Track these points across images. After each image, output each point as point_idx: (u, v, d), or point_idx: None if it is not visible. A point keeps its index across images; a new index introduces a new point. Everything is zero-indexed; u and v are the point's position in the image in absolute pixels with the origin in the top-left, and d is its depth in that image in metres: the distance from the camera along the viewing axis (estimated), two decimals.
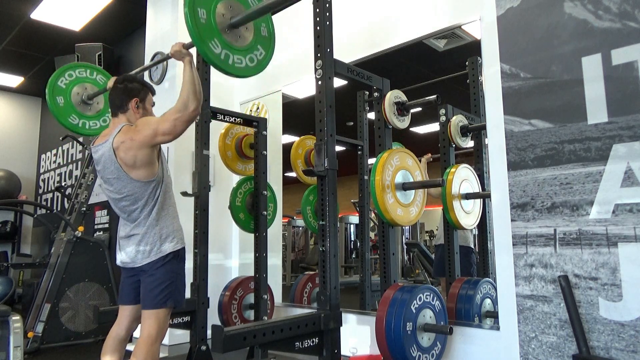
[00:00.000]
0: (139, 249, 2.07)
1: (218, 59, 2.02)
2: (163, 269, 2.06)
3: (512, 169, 1.78)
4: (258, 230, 3.11)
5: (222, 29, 1.98)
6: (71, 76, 2.74)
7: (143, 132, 2.01)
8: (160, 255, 2.06)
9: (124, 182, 2.05)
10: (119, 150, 2.03)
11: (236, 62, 2.09)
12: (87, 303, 4.08)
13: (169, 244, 2.09)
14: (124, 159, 2.03)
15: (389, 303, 2.24)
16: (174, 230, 2.14)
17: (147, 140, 2.01)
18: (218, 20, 2.00)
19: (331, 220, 2.21)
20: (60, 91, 2.62)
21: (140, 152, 2.02)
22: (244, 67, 2.10)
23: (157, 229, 2.08)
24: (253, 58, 2.13)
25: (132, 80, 2.20)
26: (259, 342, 1.85)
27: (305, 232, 7.12)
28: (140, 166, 2.04)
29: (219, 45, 1.98)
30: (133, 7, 4.89)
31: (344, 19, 3.25)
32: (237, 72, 2.12)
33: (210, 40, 1.95)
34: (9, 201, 6.46)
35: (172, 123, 1.98)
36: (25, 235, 7.47)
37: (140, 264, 2.07)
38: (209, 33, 1.98)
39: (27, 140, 7.80)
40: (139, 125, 2.05)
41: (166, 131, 1.99)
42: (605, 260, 1.54)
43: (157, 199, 2.10)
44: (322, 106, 2.24)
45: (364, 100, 3.66)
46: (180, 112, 1.97)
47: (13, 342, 2.66)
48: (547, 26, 1.74)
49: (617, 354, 1.49)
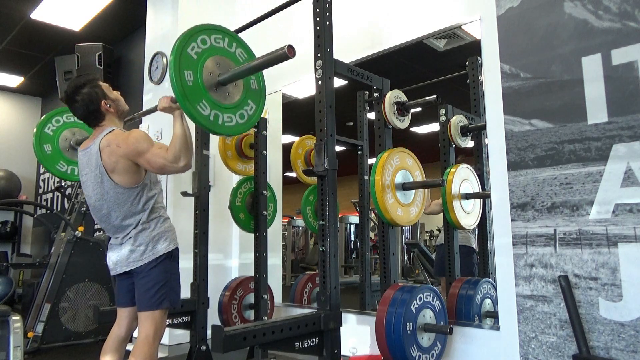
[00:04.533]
0: (131, 252, 2.04)
1: (207, 120, 1.91)
2: (156, 270, 2.03)
3: (512, 169, 1.78)
4: (258, 230, 3.11)
5: (210, 87, 1.88)
6: (58, 122, 2.62)
7: (131, 146, 1.96)
8: (154, 257, 2.03)
9: (107, 186, 2.01)
10: (103, 152, 1.99)
11: (226, 121, 1.98)
12: (87, 303, 4.08)
13: (161, 245, 2.06)
14: (106, 162, 1.99)
15: (389, 303, 2.24)
16: (166, 231, 2.10)
17: (131, 154, 1.97)
18: (205, 79, 1.90)
19: (331, 220, 2.21)
20: (47, 138, 2.52)
21: (122, 160, 1.98)
22: (234, 125, 1.99)
23: (148, 232, 2.05)
24: (243, 114, 2.03)
25: (82, 85, 2.06)
26: (259, 342, 1.85)
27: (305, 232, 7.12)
28: (121, 173, 1.99)
29: (207, 106, 1.87)
30: (133, 7, 4.89)
31: (344, 19, 3.25)
32: (228, 132, 2.01)
33: (197, 102, 1.85)
34: (9, 201, 6.46)
35: (161, 164, 1.96)
36: (25, 235, 7.47)
37: (134, 266, 2.04)
38: (196, 95, 1.88)
39: (27, 140, 7.73)
40: (131, 136, 2.00)
41: (152, 164, 1.96)
42: (605, 260, 1.54)
43: (144, 204, 2.05)
44: (322, 106, 2.24)
45: (364, 100, 3.66)
46: (171, 162, 1.95)
47: (13, 342, 2.66)
48: (547, 26, 1.74)
49: (617, 354, 1.49)
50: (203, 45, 1.92)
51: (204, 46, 1.93)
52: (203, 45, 1.92)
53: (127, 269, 2.06)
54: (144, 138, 1.99)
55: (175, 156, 1.94)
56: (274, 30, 3.87)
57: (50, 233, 4.66)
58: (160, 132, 3.96)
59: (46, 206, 6.77)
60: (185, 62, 1.81)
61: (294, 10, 2.72)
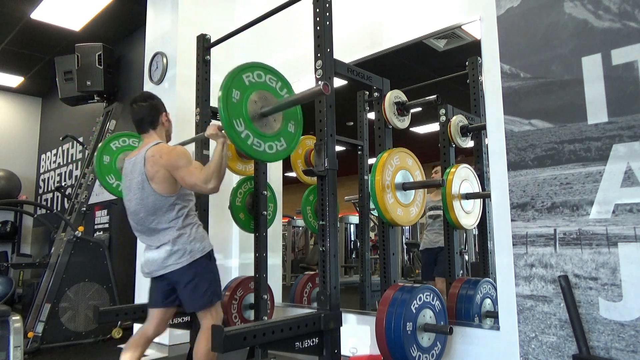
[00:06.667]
0: (169, 256, 2.18)
1: (250, 147, 2.06)
2: (199, 272, 2.20)
3: (512, 169, 1.78)
4: (258, 230, 3.11)
5: (254, 117, 2.06)
6: (124, 142, 2.91)
7: (172, 159, 2.16)
8: (192, 260, 2.18)
9: (147, 192, 2.18)
10: (147, 161, 2.18)
11: (267, 148, 2.14)
12: (87, 303, 4.09)
13: (198, 248, 2.22)
14: (148, 170, 2.17)
15: (389, 303, 2.24)
16: (201, 235, 2.27)
17: (170, 167, 2.16)
18: (250, 110, 2.08)
19: (331, 220, 2.21)
20: (109, 152, 2.83)
21: (162, 170, 2.16)
22: (274, 153, 2.14)
23: (185, 237, 2.20)
24: (273, 146, 2.17)
25: (152, 96, 2.38)
26: (259, 342, 1.85)
27: (305, 232, 7.11)
28: (160, 181, 2.17)
29: (251, 135, 2.04)
30: (133, 7, 4.89)
31: (344, 19, 3.25)
32: (270, 158, 2.15)
33: (243, 131, 2.03)
34: (9, 201, 6.46)
35: (193, 182, 2.15)
36: (25, 235, 7.47)
37: (172, 269, 2.18)
38: (237, 112, 2.06)
39: (27, 140, 7.80)
40: (174, 151, 2.20)
41: (186, 180, 2.16)
42: (605, 260, 1.54)
43: (178, 211, 2.22)
44: (322, 106, 2.24)
45: (364, 100, 3.66)
46: (201, 183, 2.13)
47: (13, 342, 2.66)
48: (547, 26, 1.74)
49: (617, 354, 1.49)
50: (248, 81, 2.10)
51: (248, 81, 2.10)
52: (248, 81, 2.10)
53: (163, 272, 2.20)
54: (185, 155, 2.19)
55: (207, 178, 2.13)
56: (274, 30, 3.87)
57: (50, 233, 4.66)
58: None
59: (46, 206, 6.77)
60: (232, 95, 2.00)
61: (294, 10, 2.72)
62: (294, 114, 2.28)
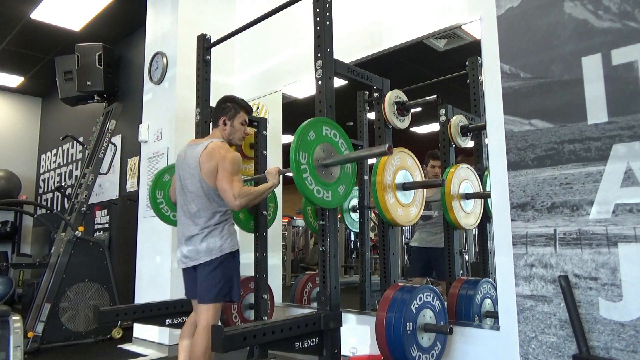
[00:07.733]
0: (200, 247, 2.30)
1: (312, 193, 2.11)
2: (220, 268, 2.29)
3: (512, 169, 1.78)
4: (258, 230, 3.11)
5: (317, 167, 2.15)
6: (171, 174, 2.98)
7: (223, 159, 2.28)
8: (220, 254, 2.29)
9: (196, 179, 2.34)
10: (204, 153, 2.33)
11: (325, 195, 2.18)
12: (87, 303, 4.08)
13: (227, 245, 2.33)
14: (202, 160, 2.33)
15: (389, 303, 2.24)
16: (232, 233, 2.40)
17: (218, 164, 2.29)
18: (315, 158, 2.17)
19: (331, 221, 2.21)
20: (161, 185, 2.94)
21: (213, 164, 2.30)
22: (331, 199, 2.18)
23: (218, 232, 2.33)
24: (340, 189, 2.23)
25: (230, 100, 2.54)
26: (259, 342, 1.85)
27: (305, 232, 7.11)
28: (207, 174, 2.31)
29: (313, 181, 2.13)
30: (133, 7, 4.89)
31: (344, 19, 3.26)
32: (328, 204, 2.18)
33: (306, 178, 2.11)
34: (9, 201, 6.46)
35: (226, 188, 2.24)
36: (25, 235, 7.47)
37: (203, 260, 2.29)
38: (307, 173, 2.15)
39: (27, 140, 7.80)
40: (229, 154, 2.32)
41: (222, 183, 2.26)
42: (605, 260, 1.54)
43: (218, 206, 2.35)
44: (322, 106, 2.24)
45: (364, 100, 3.66)
46: (234, 193, 2.23)
47: (13, 342, 2.66)
48: (547, 26, 1.74)
49: (617, 354, 1.49)
50: (315, 134, 2.17)
51: (316, 134, 2.18)
52: (315, 134, 2.17)
53: (195, 263, 2.32)
54: (236, 162, 2.31)
55: (240, 194, 2.24)
56: (274, 30, 3.88)
57: (50, 233, 4.66)
58: (160, 132, 3.96)
59: (46, 206, 6.77)
60: (303, 146, 2.09)
61: (294, 10, 2.72)
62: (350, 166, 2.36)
